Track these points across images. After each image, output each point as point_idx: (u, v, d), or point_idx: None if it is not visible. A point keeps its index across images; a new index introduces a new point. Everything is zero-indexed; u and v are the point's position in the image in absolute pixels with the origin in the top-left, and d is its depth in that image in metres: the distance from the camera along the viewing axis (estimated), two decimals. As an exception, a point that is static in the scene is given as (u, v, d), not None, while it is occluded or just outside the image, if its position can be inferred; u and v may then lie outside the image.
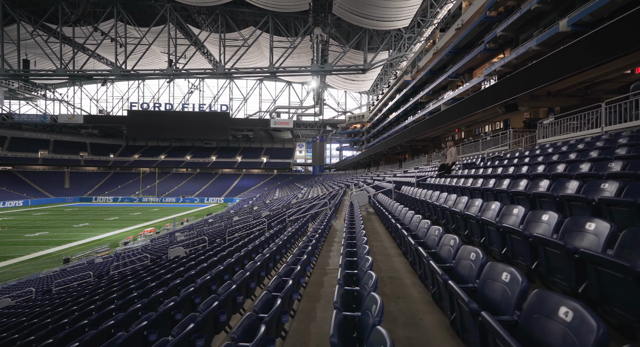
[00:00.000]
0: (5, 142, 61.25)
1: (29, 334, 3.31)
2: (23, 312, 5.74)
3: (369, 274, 2.09)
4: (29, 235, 27.51)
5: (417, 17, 35.54)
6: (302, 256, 3.36)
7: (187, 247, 8.01)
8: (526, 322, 1.51)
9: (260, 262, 3.35)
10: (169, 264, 5.82)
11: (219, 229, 12.67)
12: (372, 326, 1.49)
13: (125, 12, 39.93)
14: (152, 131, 65.73)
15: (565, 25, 11.22)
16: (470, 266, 2.33)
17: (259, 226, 8.22)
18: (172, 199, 57.44)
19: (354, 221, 5.56)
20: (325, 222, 5.83)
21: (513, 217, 3.31)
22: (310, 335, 2.45)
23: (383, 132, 48.75)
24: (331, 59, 40.64)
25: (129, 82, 71.02)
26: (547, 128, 7.21)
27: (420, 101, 31.89)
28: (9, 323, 4.80)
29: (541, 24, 14.73)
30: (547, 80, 7.52)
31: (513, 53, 15.04)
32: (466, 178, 6.21)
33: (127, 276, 5.93)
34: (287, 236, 5.19)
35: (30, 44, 41.17)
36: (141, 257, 9.46)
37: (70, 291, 6.87)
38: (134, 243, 23.45)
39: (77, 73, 39.98)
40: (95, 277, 8.34)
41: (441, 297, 2.38)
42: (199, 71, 43.44)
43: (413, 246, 3.00)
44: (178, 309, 2.42)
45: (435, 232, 3.12)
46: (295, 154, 76.35)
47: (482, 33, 19.61)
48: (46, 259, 20.45)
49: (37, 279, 13.33)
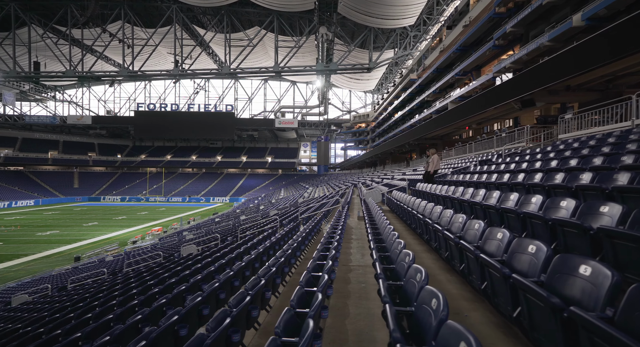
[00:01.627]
0: (17, 143, 62.51)
1: (54, 328, 3.34)
2: (42, 307, 5.84)
3: (415, 267, 2.06)
4: (41, 234, 28.02)
5: (423, 15, 35.26)
6: (328, 252, 3.33)
7: (199, 245, 8.05)
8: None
9: (283, 258, 3.33)
10: (183, 261, 5.84)
11: (228, 228, 12.73)
12: (439, 321, 1.44)
13: (132, 13, 40.38)
14: (158, 131, 66.41)
15: (579, 20, 10.99)
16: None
17: (270, 224, 8.21)
18: (178, 198, 57.98)
19: (373, 216, 5.51)
20: (343, 219, 5.80)
21: (532, 206, 3.54)
22: (348, 332, 2.42)
23: (388, 132, 48.49)
24: (336, 58, 40.53)
25: (136, 83, 71.85)
26: (568, 123, 7.03)
27: (426, 100, 31.61)
28: (30, 318, 4.88)
29: (553, 19, 14.47)
30: (571, 73, 7.26)
31: (523, 49, 14.79)
32: (487, 173, 6.13)
33: (143, 273, 5.98)
34: (305, 233, 5.16)
35: (40, 47, 41.91)
36: (153, 255, 9.55)
37: (87, 287, 6.97)
38: (142, 242, 23.72)
39: (86, 74, 40.58)
40: (110, 274, 8.45)
41: (495, 292, 2.37)
42: (204, 71, 43.75)
43: (453, 241, 3.00)
44: (205, 305, 2.41)
45: (475, 226, 3.12)
46: (300, 154, 76.43)
47: (491, 30, 19.34)
48: (57, 257, 20.80)
49: (50, 277, 13.58)
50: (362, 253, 4.86)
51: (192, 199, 57.82)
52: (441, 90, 28.32)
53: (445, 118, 17.73)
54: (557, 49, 13.14)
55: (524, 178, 4.69)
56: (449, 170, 8.57)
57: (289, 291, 3.34)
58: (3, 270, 17.92)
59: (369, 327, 2.53)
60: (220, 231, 12.02)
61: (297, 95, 73.45)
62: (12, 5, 37.94)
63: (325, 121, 68.19)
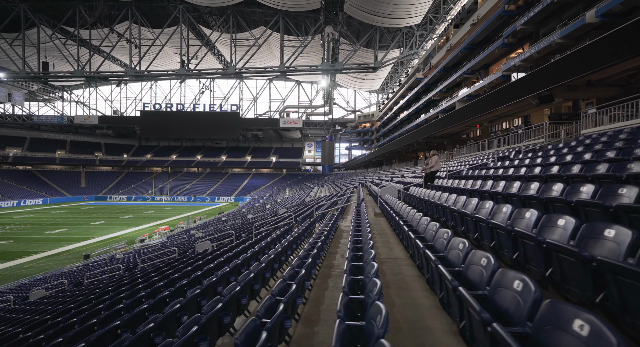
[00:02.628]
0: (25, 143, 63.40)
1: (87, 318, 3.38)
2: (64, 300, 5.91)
3: (480, 253, 2.03)
4: (50, 232, 28.37)
5: (429, 13, 35.09)
6: (361, 243, 3.32)
7: (213, 241, 8.09)
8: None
9: (311, 258, 3.28)
10: (202, 257, 5.87)
11: (237, 226, 12.75)
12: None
13: (139, 14, 40.75)
14: (164, 131, 66.89)
15: (593, 16, 10.86)
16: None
17: (284, 221, 8.23)
18: (183, 198, 58.34)
19: (399, 210, 5.49)
20: (362, 216, 5.78)
21: (583, 195, 3.30)
22: (399, 320, 2.44)
23: (394, 131, 48.32)
24: (341, 57, 40.49)
25: (142, 83, 72.45)
26: (591, 118, 6.93)
27: (433, 99, 31.45)
28: (55, 310, 4.93)
29: (564, 16, 14.31)
30: (600, 65, 6.99)
31: (534, 47, 14.66)
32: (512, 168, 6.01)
33: (161, 267, 6.02)
34: (326, 230, 5.13)
35: (49, 47, 42.45)
36: (167, 251, 9.61)
37: (105, 282, 7.04)
38: (150, 240, 23.91)
39: (94, 74, 41.03)
40: (125, 270, 8.54)
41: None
42: (210, 71, 43.98)
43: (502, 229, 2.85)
44: (243, 294, 2.42)
45: (526, 215, 2.98)
46: (304, 154, 76.49)
47: (500, 28, 19.19)
48: (67, 255, 21.05)
49: (62, 273, 13.74)
50: (390, 247, 4.89)
51: (197, 198, 58.15)
52: (448, 89, 28.17)
53: (458, 116, 17.54)
54: (569, 47, 13.01)
55: (560, 170, 4.50)
56: (465, 167, 8.49)
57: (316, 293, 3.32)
58: (14, 267, 18.17)
59: (419, 316, 2.56)
60: (233, 228, 12.03)
61: (302, 95, 73.57)
62: (22, 7, 38.49)
63: (330, 121, 68.16)
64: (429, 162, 8.05)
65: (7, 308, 7.56)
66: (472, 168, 7.86)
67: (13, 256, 20.05)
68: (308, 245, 3.96)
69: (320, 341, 2.46)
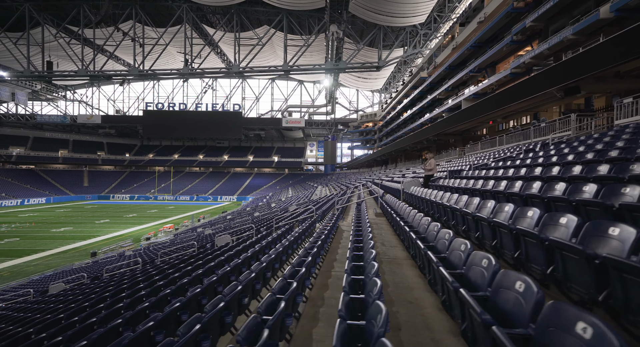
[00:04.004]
0: (28, 142, 63.53)
1: (133, 303, 3.36)
2: (93, 291, 5.88)
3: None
4: (55, 230, 28.39)
5: (433, 12, 35.06)
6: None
7: (233, 235, 8.06)
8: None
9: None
10: (227, 250, 5.82)
11: (257, 220, 12.61)
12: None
13: (143, 13, 40.82)
14: (166, 130, 66.91)
15: (607, 11, 10.81)
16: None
17: (302, 215, 8.18)
18: (186, 197, 58.38)
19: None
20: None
21: None
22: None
23: (397, 130, 48.26)
24: (345, 56, 40.46)
25: (144, 83, 72.53)
26: (627, 108, 6.80)
27: (438, 98, 31.41)
28: (87, 299, 4.91)
29: (575, 12, 14.26)
30: (635, 55, 6.71)
31: (544, 44, 14.61)
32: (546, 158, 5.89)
33: (189, 259, 5.97)
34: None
35: (53, 47, 42.51)
36: (186, 245, 9.59)
37: (128, 275, 7.01)
38: (155, 238, 23.90)
39: (97, 73, 41.08)
40: (145, 264, 8.52)
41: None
42: (214, 70, 43.98)
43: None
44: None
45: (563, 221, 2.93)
46: (306, 153, 76.49)
47: (508, 25, 19.16)
48: (74, 253, 21.05)
49: (71, 270, 13.73)
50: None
51: (200, 197, 58.19)
52: (453, 87, 28.12)
53: (473, 111, 17.20)
54: (581, 43, 12.96)
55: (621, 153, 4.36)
56: (490, 159, 8.43)
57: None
58: (23, 264, 18.18)
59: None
60: (257, 221, 11.96)
61: (304, 94, 73.56)
62: (26, 6, 38.57)
63: (333, 120, 68.13)
64: (426, 166, 8.10)
65: (28, 301, 7.56)
66: (497, 160, 7.78)
67: (20, 254, 20.06)
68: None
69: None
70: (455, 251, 2.82)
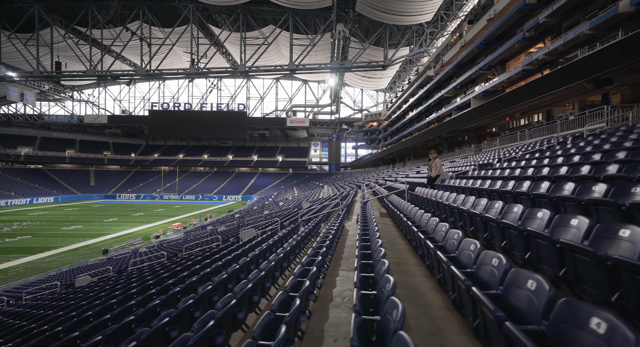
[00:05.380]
0: (36, 142, 64.25)
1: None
2: (127, 281, 5.95)
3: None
4: (65, 228, 28.67)
5: (440, 10, 34.93)
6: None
7: (257, 229, 8.08)
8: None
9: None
10: (260, 242, 5.83)
11: (281, 215, 12.53)
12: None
13: (150, 13, 41.12)
14: (172, 130, 67.31)
15: (627, 5, 10.70)
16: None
17: (326, 209, 8.17)
18: (191, 196, 58.68)
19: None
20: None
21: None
22: None
23: (402, 130, 48.13)
24: (350, 56, 40.42)
25: (150, 83, 73.01)
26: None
27: (445, 96, 31.28)
28: (127, 288, 4.96)
29: (590, 8, 14.15)
30: None
31: (559, 40, 14.50)
32: None
33: (221, 250, 6.00)
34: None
35: (61, 47, 42.95)
36: (209, 240, 9.66)
37: (157, 267, 7.07)
38: (165, 236, 24.04)
39: (105, 73, 41.45)
40: (169, 257, 8.59)
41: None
42: (220, 70, 44.15)
43: None
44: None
45: None
46: (310, 153, 76.55)
47: (520, 22, 19.04)
48: (86, 250, 21.24)
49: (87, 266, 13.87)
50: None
51: (205, 197, 58.46)
52: (462, 86, 27.99)
53: (492, 106, 16.93)
54: (598, 38, 12.84)
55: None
56: (519, 153, 8.32)
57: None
58: (37, 261, 18.39)
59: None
60: (277, 216, 11.94)
61: (309, 94, 73.63)
62: (36, 7, 39.02)
63: (337, 120, 68.12)
64: (431, 166, 8.04)
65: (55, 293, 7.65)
66: (527, 153, 7.63)
67: (34, 251, 20.29)
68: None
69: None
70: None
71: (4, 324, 5.52)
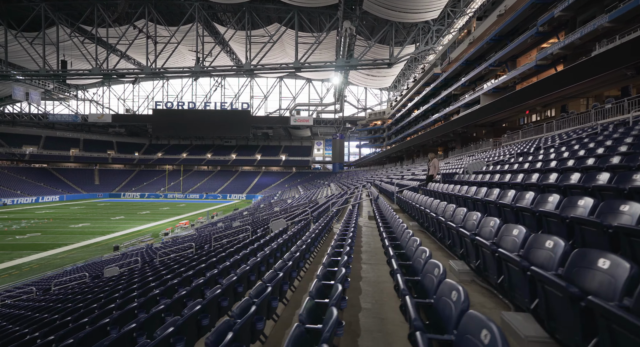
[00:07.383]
0: (41, 141, 64.42)
1: None
2: (159, 270, 5.92)
3: None
4: (73, 226, 28.72)
5: (447, 7, 34.77)
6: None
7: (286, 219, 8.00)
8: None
9: None
10: (281, 239, 5.78)
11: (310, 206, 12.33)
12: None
13: (155, 11, 41.11)
14: (176, 129, 67.32)
15: (649, -3, 10.59)
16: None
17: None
18: (195, 195, 58.76)
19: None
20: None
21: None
22: None
23: (407, 128, 48.00)
24: (355, 54, 40.30)
25: (154, 82, 73.10)
26: None
27: (453, 93, 31.16)
28: (158, 274, 4.92)
29: (606, 1, 14.02)
30: None
31: (576, 33, 14.39)
32: None
33: (253, 241, 5.95)
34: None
35: (67, 46, 43.02)
36: (236, 231, 9.62)
37: (183, 259, 7.04)
38: (174, 233, 24.05)
39: (111, 72, 41.49)
40: (197, 248, 8.55)
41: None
42: (225, 68, 44.14)
43: None
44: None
45: None
46: (314, 152, 76.49)
47: (531, 17, 18.93)
48: (96, 247, 21.26)
49: (101, 262, 13.87)
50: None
51: (209, 195, 58.53)
52: (470, 82, 27.86)
53: (516, 97, 16.60)
54: (617, 31, 12.72)
55: None
56: (556, 141, 8.21)
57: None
58: (49, 257, 18.41)
59: None
60: (306, 206, 11.78)
61: (312, 93, 73.54)
62: (42, 6, 39.08)
63: (341, 119, 68.03)
64: (429, 166, 8.06)
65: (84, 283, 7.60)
66: (563, 144, 7.44)
67: (45, 247, 20.31)
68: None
69: None
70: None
71: (45, 310, 5.48)
